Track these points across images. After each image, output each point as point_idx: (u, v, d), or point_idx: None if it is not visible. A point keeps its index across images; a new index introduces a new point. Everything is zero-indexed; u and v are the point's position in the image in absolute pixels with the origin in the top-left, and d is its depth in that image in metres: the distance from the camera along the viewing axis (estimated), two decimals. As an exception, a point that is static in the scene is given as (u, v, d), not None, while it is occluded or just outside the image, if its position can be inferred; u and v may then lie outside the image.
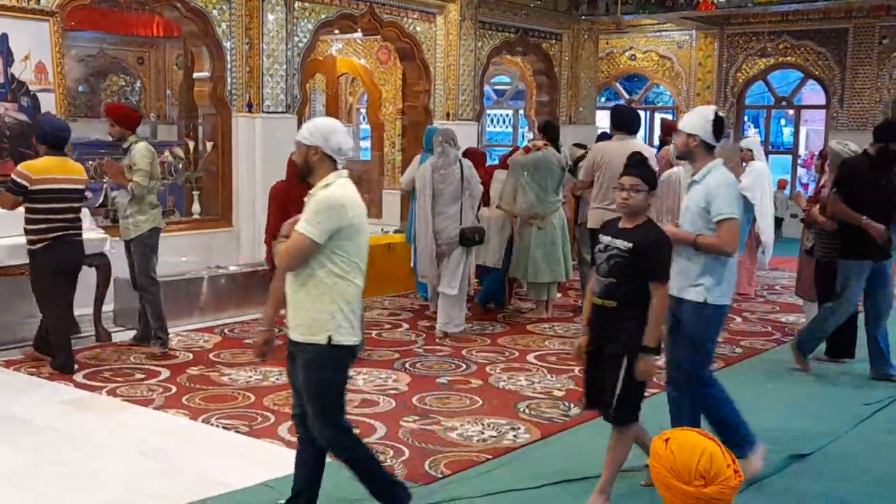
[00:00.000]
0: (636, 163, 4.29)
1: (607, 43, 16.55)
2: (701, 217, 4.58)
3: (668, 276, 4.23)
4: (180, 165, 9.27)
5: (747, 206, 9.47)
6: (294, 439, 5.17)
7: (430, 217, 7.72)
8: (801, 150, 18.01)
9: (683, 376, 4.73)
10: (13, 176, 6.37)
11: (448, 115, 11.68)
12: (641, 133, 17.52)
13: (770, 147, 17.84)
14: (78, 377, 6.39)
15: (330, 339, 3.78)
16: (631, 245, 4.12)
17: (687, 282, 4.61)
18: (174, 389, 6.16)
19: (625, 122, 8.05)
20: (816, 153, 8.09)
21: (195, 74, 9.42)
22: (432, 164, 7.80)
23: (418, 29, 11.26)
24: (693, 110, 4.91)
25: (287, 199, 7.40)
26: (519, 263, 8.59)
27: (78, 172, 6.65)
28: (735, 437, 4.61)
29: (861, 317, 7.52)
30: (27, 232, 6.44)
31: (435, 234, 7.72)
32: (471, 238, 7.84)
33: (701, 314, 4.60)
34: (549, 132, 9.04)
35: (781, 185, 15.43)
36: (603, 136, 10.14)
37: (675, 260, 4.54)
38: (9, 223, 6.71)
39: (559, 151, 8.80)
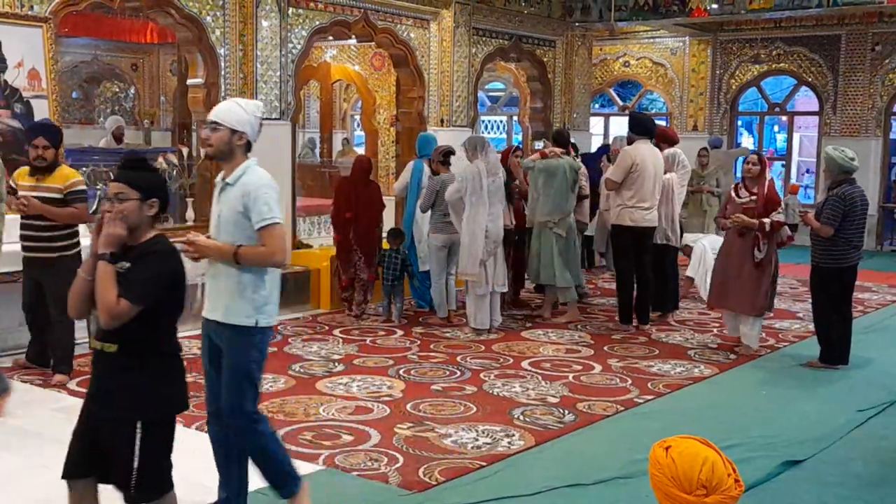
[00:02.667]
0: (127, 165, 3.53)
1: (601, 49, 16.60)
2: (238, 225, 3.97)
3: (142, 299, 3.27)
4: (174, 172, 9.25)
5: None
6: (289, 446, 5.17)
7: (482, 219, 7.95)
8: (794, 157, 18.06)
9: (230, 413, 4.08)
10: (81, 186, 6.40)
11: (442, 121, 11.68)
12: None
13: (763, 153, 17.88)
14: (72, 384, 6.36)
15: None
16: (128, 266, 3.32)
17: (230, 303, 4.03)
18: (168, 396, 6.13)
19: (648, 126, 8.60)
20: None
21: (189, 81, 9.40)
22: (480, 168, 8.01)
23: (412, 35, 11.27)
24: (234, 102, 4.12)
25: (348, 193, 8.72)
26: (536, 268, 8.72)
27: None
28: (281, 475, 4.16)
29: (855, 323, 7.56)
30: (66, 237, 6.34)
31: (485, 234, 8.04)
32: (511, 237, 8.46)
33: (249, 340, 4.04)
34: (561, 141, 9.16)
35: (794, 191, 15.49)
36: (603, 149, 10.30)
37: (211, 278, 4.09)
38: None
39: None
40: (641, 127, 8.55)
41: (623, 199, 8.31)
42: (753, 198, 7.34)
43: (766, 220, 7.22)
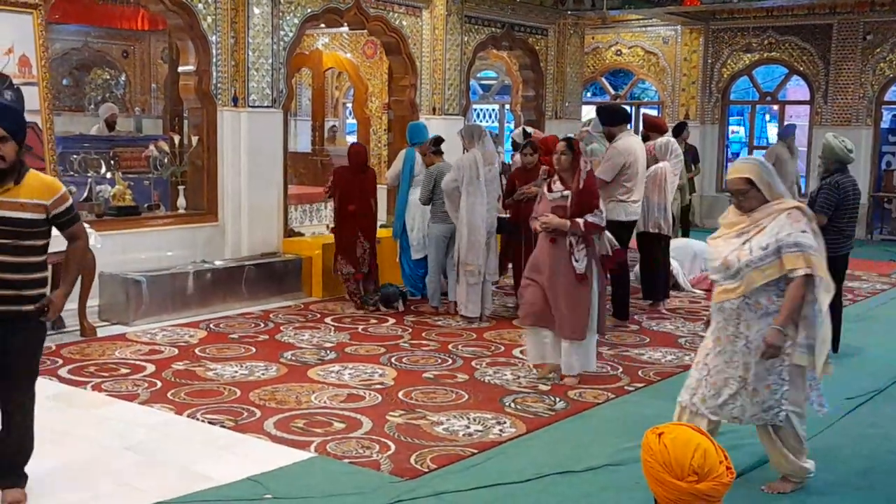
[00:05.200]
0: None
1: (593, 38, 16.59)
2: None
3: None
4: (165, 160, 9.22)
5: None
6: (281, 434, 5.19)
7: (480, 208, 7.94)
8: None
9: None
10: (70, 199, 4.24)
11: (434, 109, 11.67)
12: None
13: (755, 142, 17.91)
14: (62, 372, 6.36)
15: None
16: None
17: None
18: (159, 384, 6.14)
19: (624, 114, 8.39)
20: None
21: (180, 68, 9.37)
22: (476, 158, 7.99)
23: (404, 23, 11.24)
24: None
25: (347, 183, 8.59)
26: None
27: None
28: None
29: (845, 312, 7.59)
30: (40, 283, 4.17)
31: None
32: (503, 226, 8.36)
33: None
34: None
35: None
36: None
37: None
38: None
39: None
40: (619, 115, 8.27)
41: (616, 194, 8.00)
42: (567, 193, 6.18)
43: (580, 221, 6.05)
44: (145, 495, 4.33)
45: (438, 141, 8.71)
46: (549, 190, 6.30)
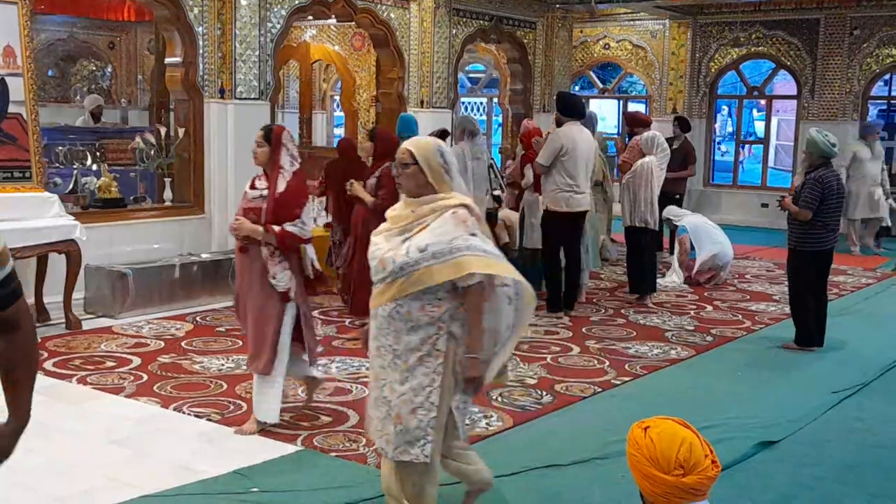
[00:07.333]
0: None
1: (581, 31, 16.58)
2: None
3: None
4: (152, 152, 9.18)
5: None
6: (269, 428, 5.17)
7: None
8: (773, 140, 18.16)
9: None
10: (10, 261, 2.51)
11: (422, 102, 11.66)
12: (615, 123, 17.67)
13: (742, 137, 17.98)
14: (48, 365, 6.33)
15: None
16: None
17: None
18: (145, 377, 6.12)
19: (578, 108, 8.32)
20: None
21: (167, 60, 9.32)
22: (465, 151, 8.02)
23: (392, 16, 11.22)
24: None
25: (339, 176, 7.90)
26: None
27: None
28: None
29: (830, 306, 7.63)
30: None
31: None
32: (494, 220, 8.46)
33: None
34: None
35: None
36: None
37: None
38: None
39: None
40: (571, 108, 8.25)
41: (557, 183, 8.02)
42: (266, 193, 5.11)
43: (276, 228, 4.97)
44: (132, 489, 4.31)
45: (444, 134, 8.72)
46: (252, 187, 5.17)
